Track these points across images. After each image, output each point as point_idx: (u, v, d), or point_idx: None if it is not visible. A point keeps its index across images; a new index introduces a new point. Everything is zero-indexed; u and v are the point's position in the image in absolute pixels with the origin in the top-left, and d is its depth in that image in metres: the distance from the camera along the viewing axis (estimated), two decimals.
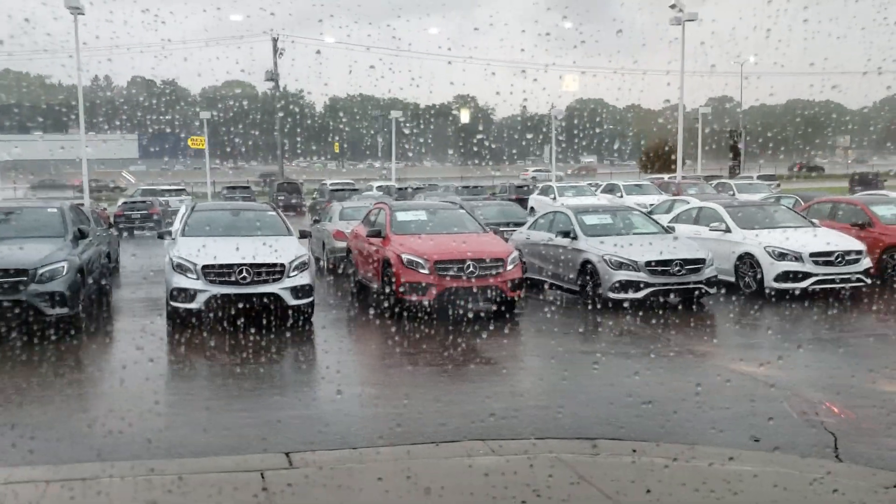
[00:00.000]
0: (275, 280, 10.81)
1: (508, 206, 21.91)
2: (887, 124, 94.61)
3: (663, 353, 9.57)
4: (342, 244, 15.65)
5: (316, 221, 19.73)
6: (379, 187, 37.28)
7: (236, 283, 10.67)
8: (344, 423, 6.95)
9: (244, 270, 10.67)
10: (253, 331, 10.46)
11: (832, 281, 12.88)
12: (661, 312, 11.89)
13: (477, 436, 6.31)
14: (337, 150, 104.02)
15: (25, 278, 10.04)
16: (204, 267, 10.71)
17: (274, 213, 13.32)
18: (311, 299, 11.11)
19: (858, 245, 13.36)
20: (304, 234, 13.28)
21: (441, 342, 10.18)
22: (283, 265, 10.89)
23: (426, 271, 11.36)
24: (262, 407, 7.54)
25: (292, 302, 10.85)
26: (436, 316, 11.40)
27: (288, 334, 10.65)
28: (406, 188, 35.44)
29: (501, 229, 16.24)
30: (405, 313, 11.49)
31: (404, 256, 11.57)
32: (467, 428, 6.58)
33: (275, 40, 56.17)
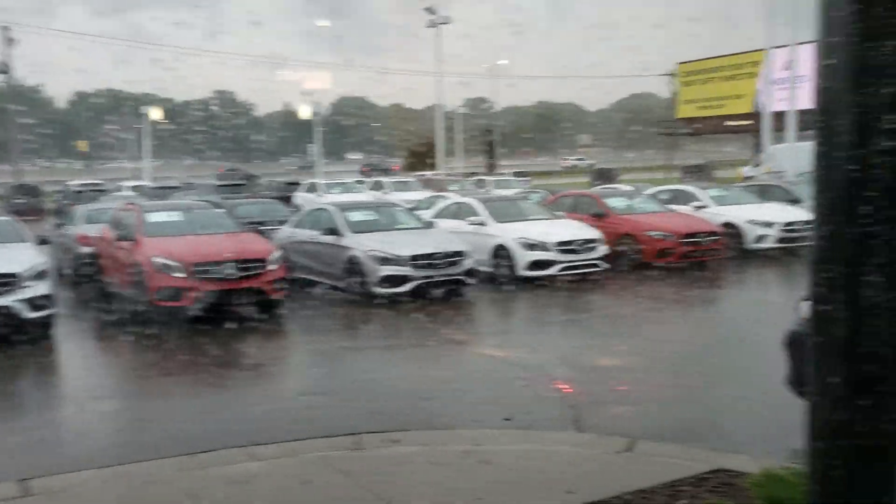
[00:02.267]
0: (7, 291, 9.76)
1: (271, 204, 21.44)
2: (619, 126, 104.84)
3: (425, 344, 9.89)
4: (88, 249, 14.46)
5: (58, 226, 18.03)
6: (132, 187, 34.86)
7: None
8: (89, 443, 6.44)
9: None
10: None
11: (575, 267, 14.03)
12: (424, 305, 12.26)
13: (237, 443, 6.11)
14: (84, 149, 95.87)
15: None
16: None
17: (6, 218, 12.03)
18: (50, 311, 10.15)
19: (596, 234, 14.67)
20: (42, 241, 12.10)
21: (199, 349, 9.73)
22: (16, 275, 9.85)
23: (182, 275, 10.81)
24: None
25: (29, 315, 9.84)
26: (193, 321, 10.89)
27: (24, 351, 9.64)
28: (162, 188, 33.47)
29: (264, 228, 15.85)
30: (160, 321, 10.86)
31: (157, 260, 10.93)
32: (226, 436, 6.35)
33: (5, 28, 50.56)
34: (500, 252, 14.30)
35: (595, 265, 14.23)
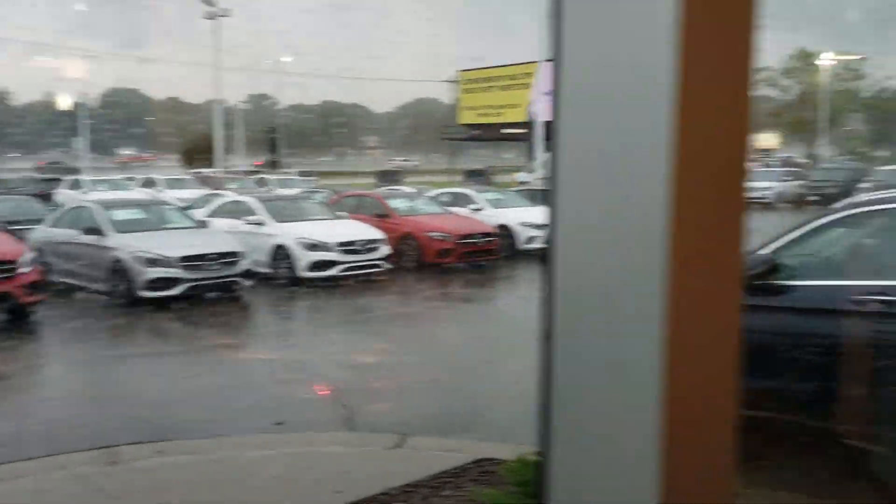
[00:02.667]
0: None
1: (26, 201, 19.61)
2: (407, 129, 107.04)
3: (195, 350, 9.48)
4: None
5: None
6: None
7: None
8: None
9: None
10: None
11: (357, 268, 14.11)
12: (196, 308, 11.73)
13: None
14: None
15: None
16: None
17: None
18: None
19: (378, 234, 14.83)
20: None
21: None
22: None
23: None
24: None
25: None
26: None
27: None
28: None
29: (15, 228, 14.43)
30: None
31: None
32: None
33: None
34: (280, 253, 14.05)
35: (377, 265, 14.38)
